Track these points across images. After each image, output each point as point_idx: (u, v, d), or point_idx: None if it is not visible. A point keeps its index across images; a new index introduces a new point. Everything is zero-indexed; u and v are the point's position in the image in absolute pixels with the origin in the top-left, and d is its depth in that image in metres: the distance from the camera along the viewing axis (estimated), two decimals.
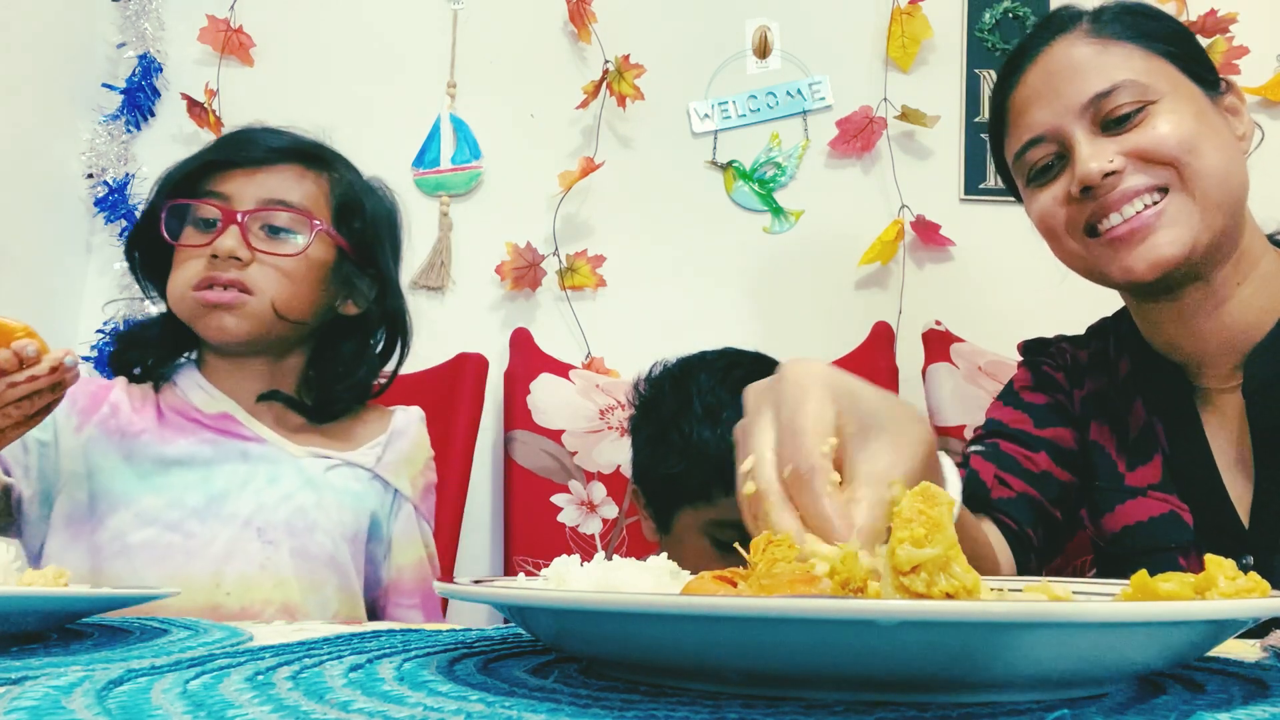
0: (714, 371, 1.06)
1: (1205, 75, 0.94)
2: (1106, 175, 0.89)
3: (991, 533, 0.97)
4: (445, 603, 1.38)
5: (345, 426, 1.15)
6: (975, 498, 0.98)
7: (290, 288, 1.07)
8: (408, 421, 1.18)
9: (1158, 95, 0.90)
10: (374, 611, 1.14)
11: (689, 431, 1.02)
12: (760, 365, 1.08)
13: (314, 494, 1.06)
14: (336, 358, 1.15)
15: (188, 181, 1.08)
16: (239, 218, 1.05)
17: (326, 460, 1.09)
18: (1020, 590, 0.47)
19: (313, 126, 1.17)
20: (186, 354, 1.13)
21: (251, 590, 0.99)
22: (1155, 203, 0.89)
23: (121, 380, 1.11)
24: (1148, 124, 0.90)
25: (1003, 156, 1.02)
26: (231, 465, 1.05)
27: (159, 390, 1.10)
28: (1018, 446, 1.02)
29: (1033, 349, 1.11)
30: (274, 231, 1.08)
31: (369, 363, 1.17)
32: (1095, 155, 0.90)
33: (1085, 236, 0.94)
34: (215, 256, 1.04)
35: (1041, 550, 1.01)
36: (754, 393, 0.58)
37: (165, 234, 1.07)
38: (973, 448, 1.05)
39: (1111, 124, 0.91)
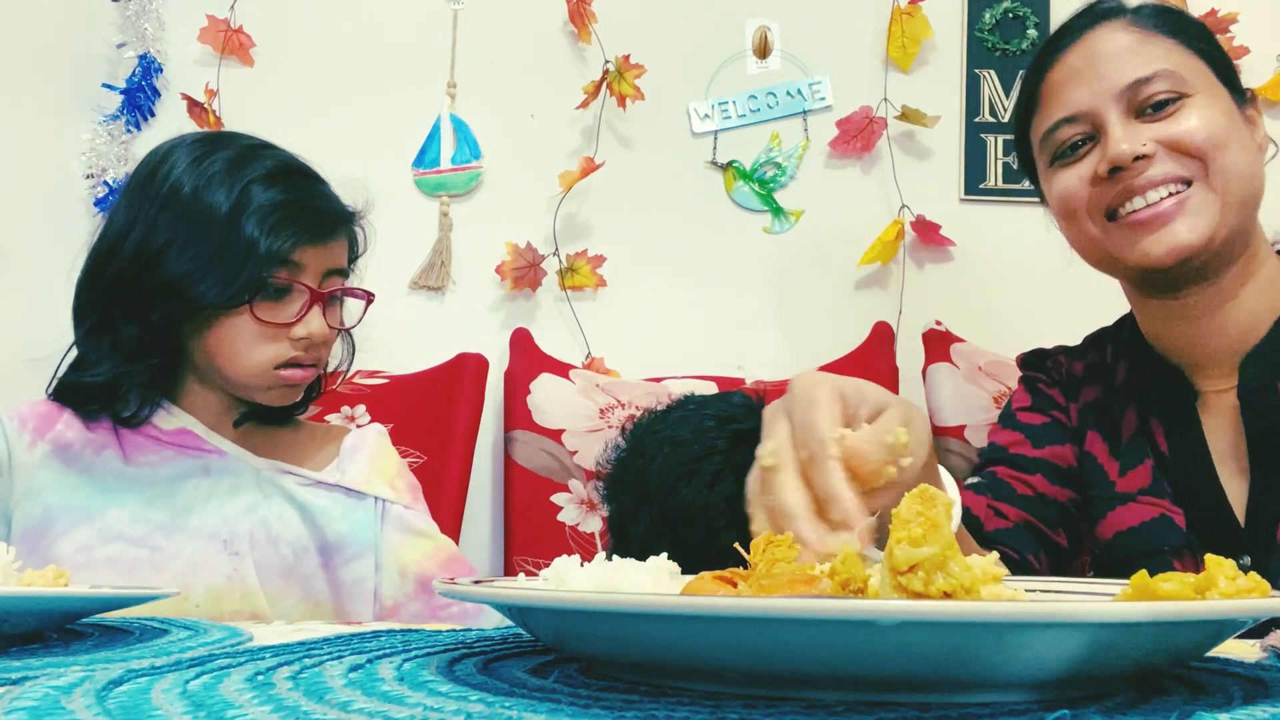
0: (677, 463, 0.95)
1: (1234, 83, 0.96)
2: (1137, 158, 0.91)
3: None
4: None
5: (303, 448, 1.13)
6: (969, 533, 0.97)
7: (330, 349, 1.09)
8: (361, 436, 1.15)
9: (1193, 90, 0.92)
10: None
11: (638, 546, 0.95)
12: (739, 445, 0.94)
13: (276, 506, 1.05)
14: None
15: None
16: (324, 298, 1.04)
17: (290, 476, 1.08)
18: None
19: (312, 126, 1.15)
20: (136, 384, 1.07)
21: (220, 602, 0.99)
22: (1178, 192, 0.91)
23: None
24: (1181, 115, 0.92)
25: (1026, 137, 1.03)
26: (194, 480, 1.04)
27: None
28: (1013, 470, 1.03)
29: (1030, 363, 1.12)
30: (333, 299, 1.07)
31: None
32: (1128, 137, 0.91)
33: (1104, 220, 0.95)
34: (303, 337, 1.02)
35: (1047, 574, 1.01)
36: (769, 410, 0.62)
37: (251, 310, 1.00)
38: (969, 481, 1.05)
39: (1146, 111, 0.92)
